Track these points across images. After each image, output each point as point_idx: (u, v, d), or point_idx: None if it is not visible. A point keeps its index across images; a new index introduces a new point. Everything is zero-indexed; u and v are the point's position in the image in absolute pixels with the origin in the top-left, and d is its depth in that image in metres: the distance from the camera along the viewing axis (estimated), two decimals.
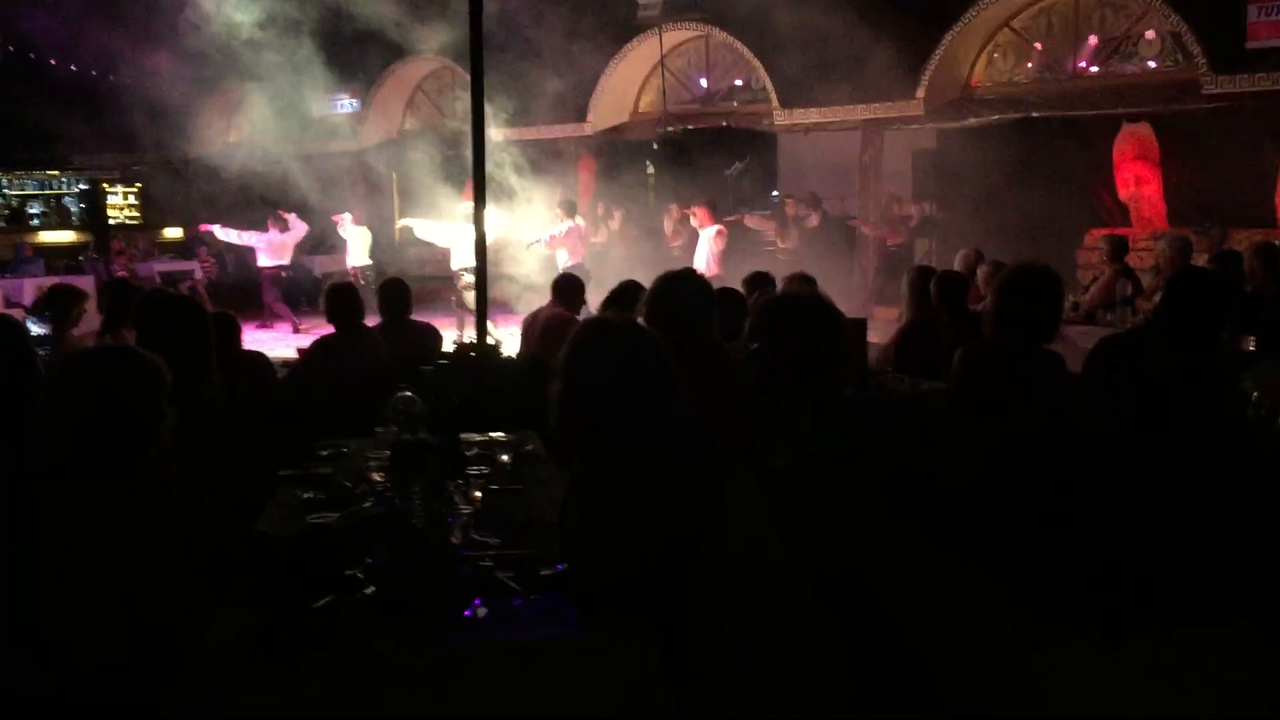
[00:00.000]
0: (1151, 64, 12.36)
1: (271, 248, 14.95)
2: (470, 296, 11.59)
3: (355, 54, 16.70)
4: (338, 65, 16.94)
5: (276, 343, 12.90)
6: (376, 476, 3.66)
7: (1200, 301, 4.01)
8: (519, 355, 6.79)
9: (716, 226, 12.44)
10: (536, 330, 7.12)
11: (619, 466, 2.65)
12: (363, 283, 13.93)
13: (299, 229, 15.11)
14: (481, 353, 6.13)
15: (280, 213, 15.03)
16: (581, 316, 7.22)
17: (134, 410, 2.55)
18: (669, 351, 2.76)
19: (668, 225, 14.40)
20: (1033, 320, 3.94)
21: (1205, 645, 2.54)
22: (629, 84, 16.25)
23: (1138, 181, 13.35)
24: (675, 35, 15.38)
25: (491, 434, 4.45)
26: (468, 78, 7.02)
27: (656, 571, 2.50)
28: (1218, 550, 2.99)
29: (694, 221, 12.83)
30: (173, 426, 2.66)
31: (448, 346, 6.89)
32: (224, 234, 15.18)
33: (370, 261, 14.85)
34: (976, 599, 2.63)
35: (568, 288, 7.38)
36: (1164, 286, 4.23)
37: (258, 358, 5.70)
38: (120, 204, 21.83)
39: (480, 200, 6.91)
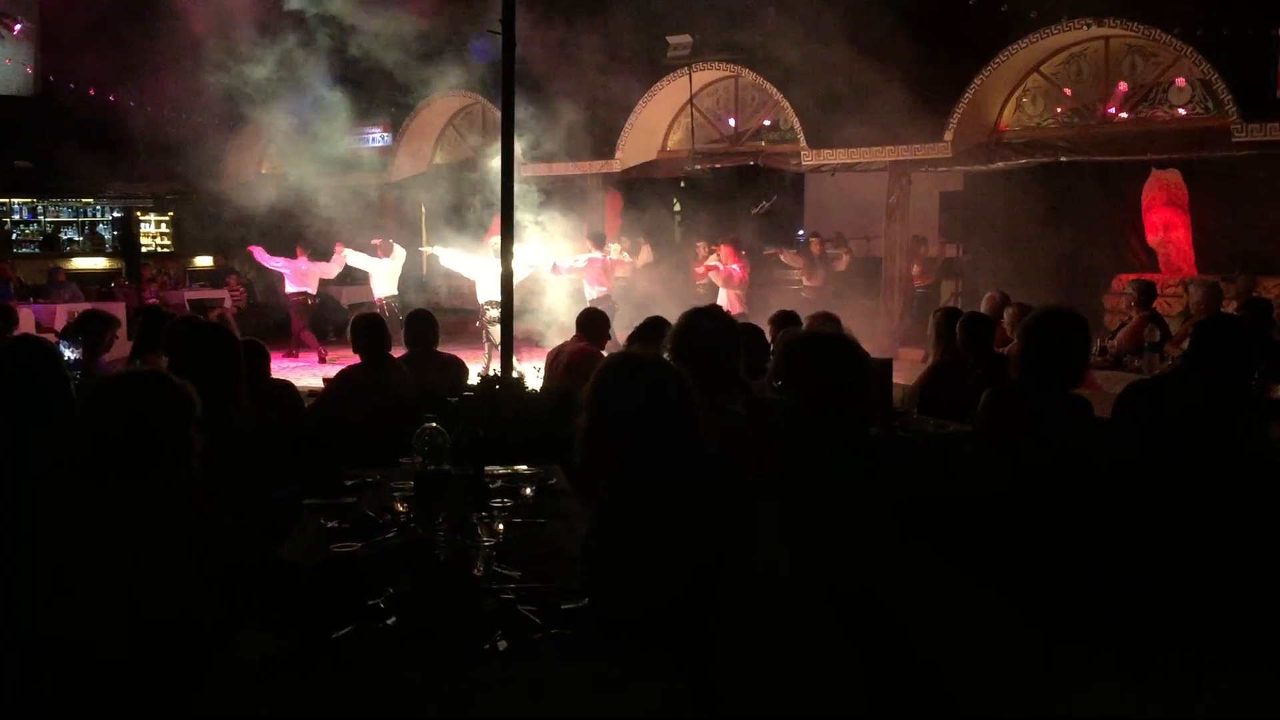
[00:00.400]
0: (1181, 111, 12.36)
1: (296, 274, 15.01)
2: (497, 330, 11.68)
3: (386, 88, 16.89)
4: (369, 99, 17.16)
5: (303, 372, 12.99)
6: (400, 507, 3.68)
7: (1228, 348, 4.00)
8: (543, 389, 6.81)
9: (707, 264, 12.58)
10: (561, 364, 7.14)
11: (644, 500, 2.65)
12: (386, 314, 13.97)
13: (332, 267, 15.04)
14: (506, 385, 6.16)
15: (338, 246, 14.98)
16: (606, 351, 7.24)
17: (161, 433, 2.58)
18: (694, 386, 2.77)
19: (702, 264, 14.53)
20: (1059, 364, 3.92)
21: (1230, 684, 2.51)
22: (658, 122, 16.36)
23: (1166, 227, 13.31)
24: (705, 75, 15.48)
25: (515, 467, 4.47)
26: (498, 114, 7.10)
27: (681, 604, 2.50)
28: (1244, 592, 2.96)
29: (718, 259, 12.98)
30: (202, 452, 2.69)
31: (474, 379, 6.92)
32: (260, 257, 15.28)
33: (395, 292, 14.81)
34: (1004, 634, 2.62)
35: (592, 322, 7.40)
36: (1192, 332, 4.22)
37: (286, 387, 5.74)
38: (153, 232, 22.08)
39: (508, 236, 6.98)
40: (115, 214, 21.76)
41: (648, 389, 2.73)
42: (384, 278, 14.60)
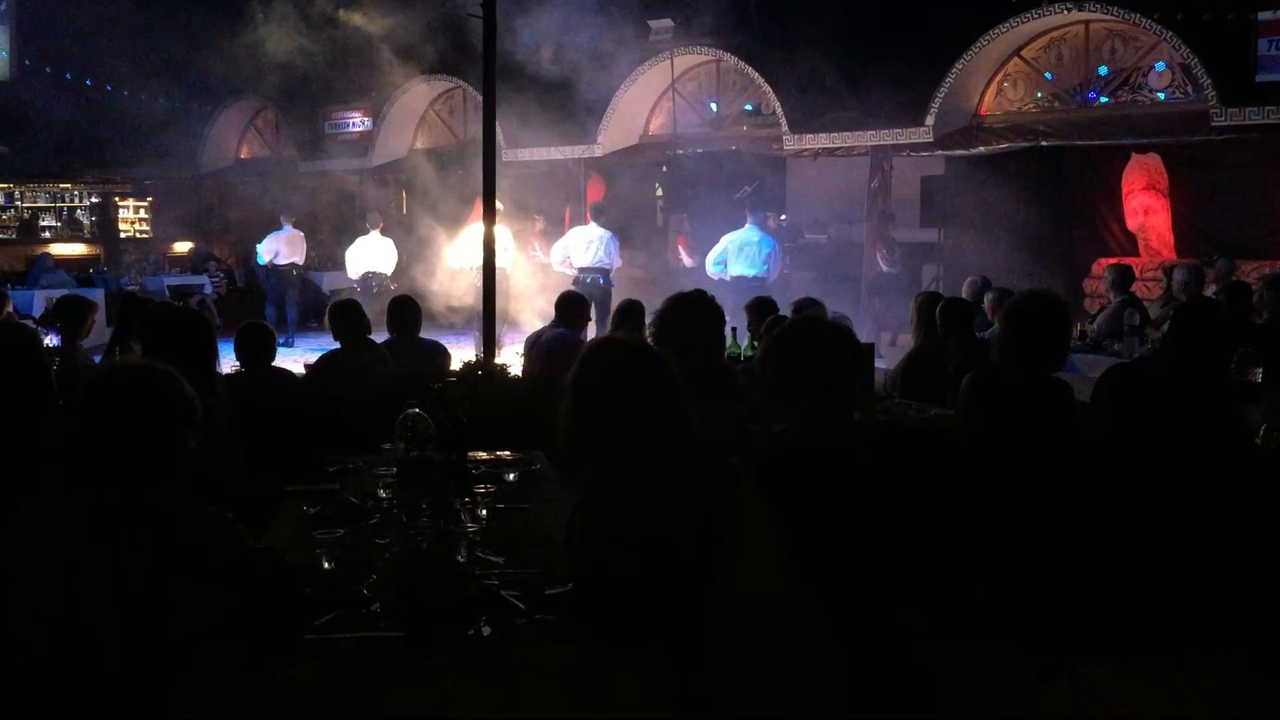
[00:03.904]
0: (1161, 95, 12.40)
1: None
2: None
3: (368, 73, 16.80)
4: (350, 84, 17.05)
5: (282, 359, 12.91)
6: (384, 493, 3.68)
7: (1208, 331, 4.02)
8: (523, 374, 6.80)
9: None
10: (540, 349, 7.10)
11: (628, 486, 2.65)
12: (375, 289, 14.05)
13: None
14: (489, 371, 6.14)
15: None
16: (584, 335, 7.25)
17: (164, 432, 2.53)
18: (679, 371, 2.77)
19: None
20: (1040, 348, 3.94)
21: (1215, 669, 2.54)
22: (640, 107, 16.32)
23: (1146, 212, 13.37)
24: (687, 59, 15.45)
25: (499, 452, 4.47)
26: (479, 98, 7.06)
27: (664, 591, 2.50)
28: (1226, 576, 2.99)
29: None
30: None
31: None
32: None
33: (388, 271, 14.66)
34: (988, 622, 2.63)
35: (570, 306, 7.33)
36: (1172, 315, 4.24)
37: (287, 375, 5.76)
38: (131, 218, 21.93)
39: (490, 220, 6.97)
40: (93, 199, 21.60)
41: (633, 375, 2.72)
42: (377, 254, 14.51)
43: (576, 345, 6.85)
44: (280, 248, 15.36)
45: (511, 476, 4.03)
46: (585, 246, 12.52)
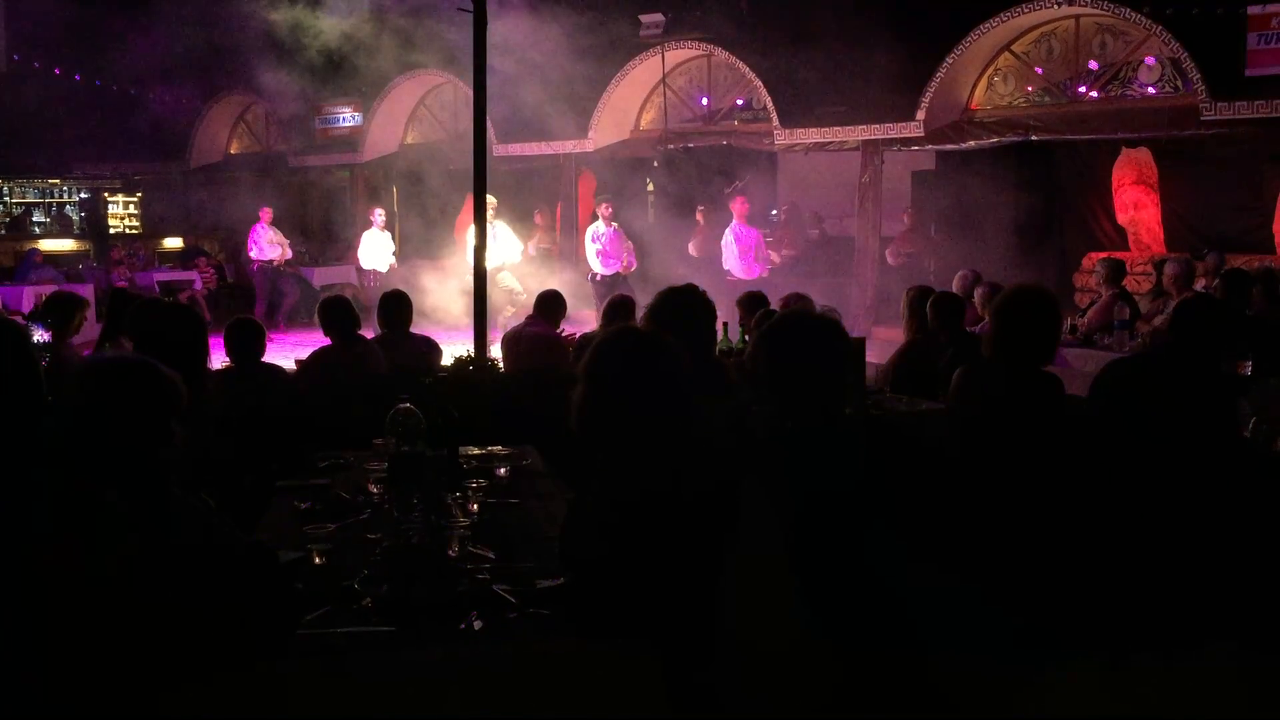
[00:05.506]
0: (1151, 90, 12.43)
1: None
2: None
3: (357, 67, 16.76)
4: (340, 78, 17.00)
5: (273, 354, 12.88)
6: (374, 488, 3.67)
7: (1210, 326, 4.04)
8: (505, 371, 6.80)
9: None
10: (521, 347, 7.09)
11: (632, 476, 2.65)
12: (373, 284, 14.22)
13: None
14: (480, 367, 6.14)
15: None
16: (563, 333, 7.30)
17: (147, 423, 2.53)
18: (688, 366, 2.78)
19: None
20: (1030, 342, 3.94)
21: (1206, 666, 2.54)
22: (631, 102, 16.31)
23: (1136, 206, 13.41)
24: (677, 54, 15.44)
25: (490, 447, 4.47)
26: (470, 93, 7.05)
27: (662, 585, 2.50)
28: (1218, 570, 2.99)
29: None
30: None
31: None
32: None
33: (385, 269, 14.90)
34: (983, 618, 2.63)
35: (549, 304, 7.34)
36: (1174, 311, 4.25)
37: (277, 371, 5.75)
38: (121, 213, 21.85)
39: (480, 216, 6.96)
40: (82, 195, 21.53)
41: (652, 366, 2.74)
42: (379, 250, 14.76)
43: (554, 341, 6.93)
44: (258, 244, 15.59)
45: (503, 471, 4.03)
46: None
